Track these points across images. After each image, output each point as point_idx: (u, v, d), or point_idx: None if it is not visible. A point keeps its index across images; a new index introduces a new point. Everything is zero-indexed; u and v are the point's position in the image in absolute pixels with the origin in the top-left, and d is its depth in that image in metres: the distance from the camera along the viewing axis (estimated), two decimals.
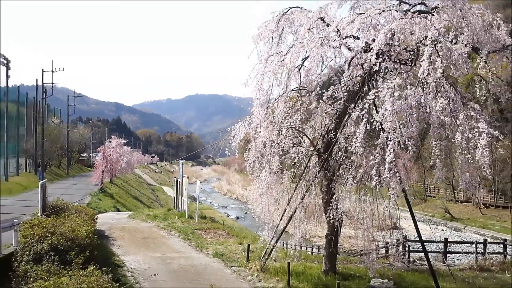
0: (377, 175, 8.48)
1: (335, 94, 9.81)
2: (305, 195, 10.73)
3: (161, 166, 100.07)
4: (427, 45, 8.42)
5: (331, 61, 10.38)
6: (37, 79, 42.21)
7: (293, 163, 11.41)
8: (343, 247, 23.11)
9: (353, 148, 8.91)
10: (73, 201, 17.87)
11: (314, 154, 10.98)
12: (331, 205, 10.08)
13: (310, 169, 11.10)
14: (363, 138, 8.72)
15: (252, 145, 10.87)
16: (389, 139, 8.24)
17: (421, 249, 12.03)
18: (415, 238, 16.50)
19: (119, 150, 42.02)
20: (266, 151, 10.63)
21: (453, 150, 9.46)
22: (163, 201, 50.04)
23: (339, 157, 10.69)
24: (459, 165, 9.73)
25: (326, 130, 10.72)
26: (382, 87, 8.70)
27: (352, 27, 9.74)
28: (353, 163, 9.91)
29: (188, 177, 22.52)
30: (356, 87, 10.02)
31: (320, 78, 10.12)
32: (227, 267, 11.90)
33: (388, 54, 9.22)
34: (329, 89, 9.74)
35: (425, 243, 11.82)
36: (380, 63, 9.14)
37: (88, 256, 8.62)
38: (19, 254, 9.25)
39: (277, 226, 11.25)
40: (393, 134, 8.21)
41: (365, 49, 9.62)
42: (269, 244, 11.41)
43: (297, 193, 11.01)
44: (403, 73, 9.13)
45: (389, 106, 8.33)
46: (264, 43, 10.75)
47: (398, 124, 8.28)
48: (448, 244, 17.74)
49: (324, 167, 10.54)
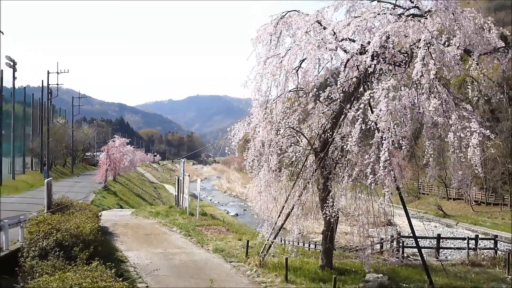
0: (372, 173, 8.58)
1: (332, 95, 10.08)
2: (302, 193, 10.86)
3: (163, 165, 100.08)
4: (420, 47, 8.50)
5: (327, 63, 10.55)
6: (43, 80, 42.90)
7: (291, 162, 11.54)
8: (339, 243, 23.16)
9: (349, 147, 9.03)
10: (77, 198, 18.18)
11: (311, 153, 11.12)
12: (327, 202, 10.17)
13: (307, 167, 11.19)
14: (358, 137, 8.84)
15: (251, 144, 11.06)
16: (384, 138, 8.36)
17: (414, 245, 12.15)
18: (408, 234, 16.83)
19: (122, 149, 42.47)
20: (265, 150, 10.81)
21: (445, 149, 9.57)
22: (165, 199, 50.18)
23: (335, 156, 10.80)
24: (451, 164, 9.88)
25: (323, 129, 10.84)
26: (377, 88, 8.76)
27: (348, 30, 9.84)
28: (349, 161, 10.06)
29: (189, 175, 22.74)
30: (351, 88, 10.18)
31: (317, 79, 10.26)
32: (227, 263, 12.09)
33: (383, 56, 9.36)
34: (325, 90, 9.96)
35: (418, 239, 11.95)
36: (375, 65, 9.27)
37: (92, 252, 8.75)
38: (25, 250, 9.43)
39: (275, 223, 11.42)
40: (388, 133, 8.32)
41: (361, 51, 9.74)
42: (267, 240, 11.57)
43: (294, 190, 11.16)
44: (397, 74, 9.31)
45: (383, 106, 8.42)
46: (263, 45, 10.85)
47: (393, 124, 8.39)
48: (441, 240, 18.05)
49: (321, 165, 10.68)
